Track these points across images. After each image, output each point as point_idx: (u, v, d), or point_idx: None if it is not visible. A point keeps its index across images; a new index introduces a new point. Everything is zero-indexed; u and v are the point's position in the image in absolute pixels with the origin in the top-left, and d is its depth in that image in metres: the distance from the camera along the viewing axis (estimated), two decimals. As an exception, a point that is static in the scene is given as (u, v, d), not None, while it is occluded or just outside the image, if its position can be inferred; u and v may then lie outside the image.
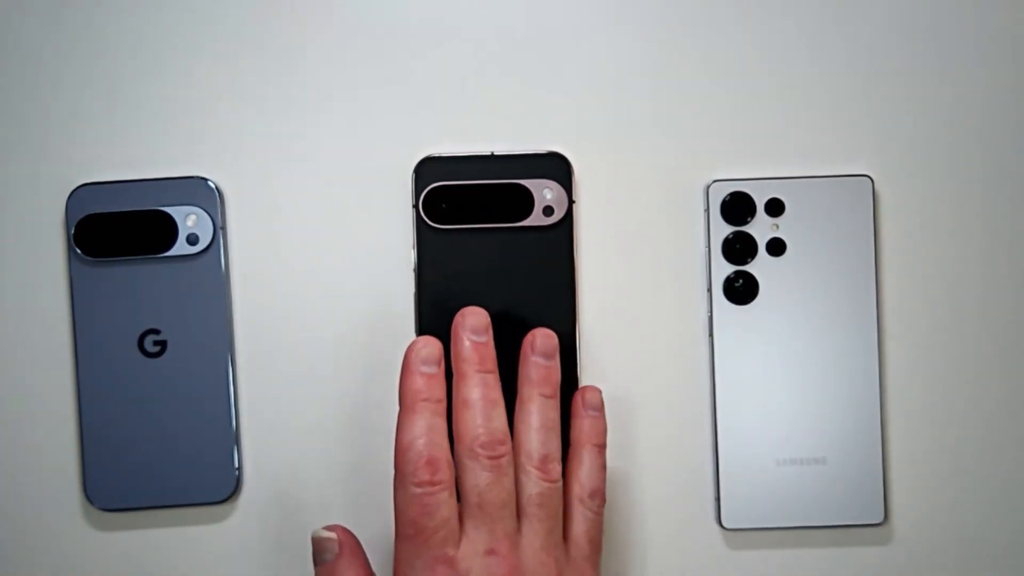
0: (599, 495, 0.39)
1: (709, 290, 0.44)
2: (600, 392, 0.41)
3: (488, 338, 0.39)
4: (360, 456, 0.44)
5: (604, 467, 0.40)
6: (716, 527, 0.44)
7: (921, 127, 0.44)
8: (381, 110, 0.44)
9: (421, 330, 0.43)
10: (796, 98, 0.44)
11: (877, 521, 0.43)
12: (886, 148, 0.44)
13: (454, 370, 0.38)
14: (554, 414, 0.39)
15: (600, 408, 0.41)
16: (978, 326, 0.44)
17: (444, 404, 0.38)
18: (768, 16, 0.44)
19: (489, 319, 0.39)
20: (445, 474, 0.36)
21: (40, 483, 0.44)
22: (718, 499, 0.43)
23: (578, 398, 0.40)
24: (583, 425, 0.40)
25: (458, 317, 0.39)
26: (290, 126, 0.44)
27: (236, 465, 0.43)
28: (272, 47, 0.44)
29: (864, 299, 0.43)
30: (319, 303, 0.44)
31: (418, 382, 0.37)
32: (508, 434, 0.37)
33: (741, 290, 0.43)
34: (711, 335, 0.44)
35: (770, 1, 0.44)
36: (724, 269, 0.44)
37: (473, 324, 0.39)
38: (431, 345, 0.38)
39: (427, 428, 0.37)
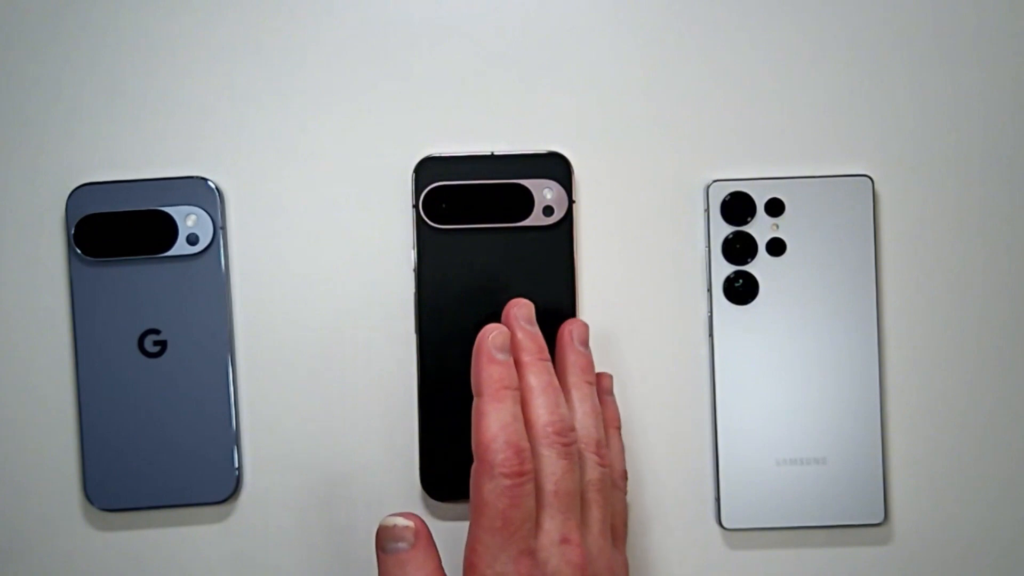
0: (625, 476, 0.41)
1: (709, 290, 0.44)
2: (611, 377, 0.43)
3: (537, 328, 0.39)
4: (360, 456, 0.44)
5: (623, 448, 0.42)
6: (716, 527, 0.44)
7: (921, 127, 0.44)
8: (381, 110, 0.44)
9: (421, 330, 0.43)
10: (796, 98, 0.44)
11: (877, 521, 0.43)
12: (886, 148, 0.44)
13: (515, 358, 0.38)
14: (595, 400, 0.40)
15: (612, 389, 0.43)
16: (978, 326, 0.44)
17: (519, 393, 0.37)
18: (768, 16, 0.44)
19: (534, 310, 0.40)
20: (530, 464, 0.36)
21: (40, 483, 0.44)
22: (718, 499, 0.43)
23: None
24: (605, 411, 0.41)
25: (510, 308, 0.39)
26: (290, 126, 0.44)
27: (236, 465, 0.43)
28: (272, 47, 0.44)
29: (864, 299, 0.43)
30: (319, 303, 0.44)
31: (498, 370, 0.37)
32: (573, 421, 0.38)
33: (741, 290, 0.43)
34: (711, 335, 0.44)
35: (770, 1, 0.44)
36: (724, 269, 0.44)
37: (525, 315, 0.39)
38: (504, 333, 0.38)
39: (512, 417, 0.36)
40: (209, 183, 0.43)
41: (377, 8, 0.44)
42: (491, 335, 0.38)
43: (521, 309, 0.39)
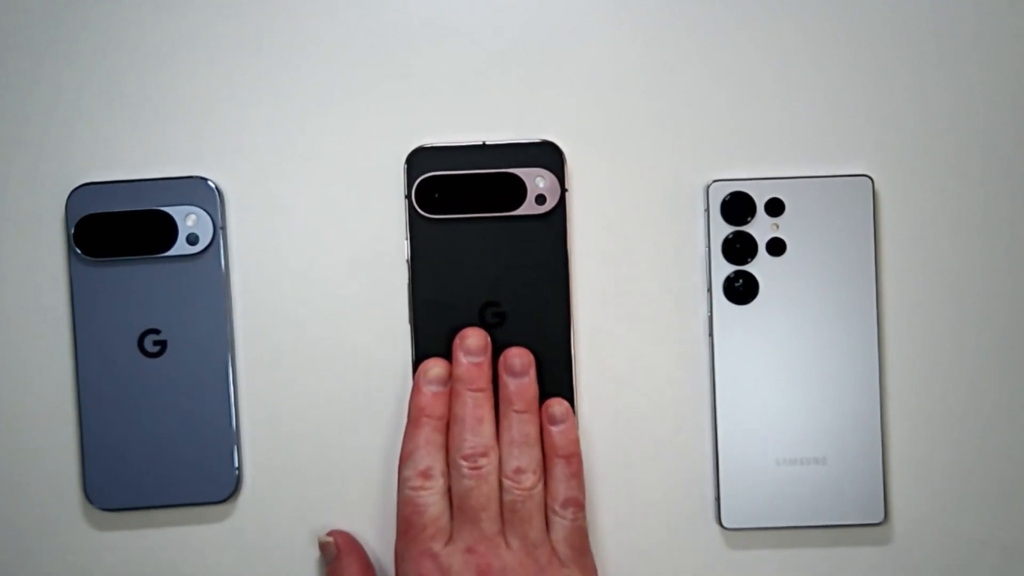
0: (571, 503, 0.41)
1: (709, 290, 0.44)
2: (565, 404, 0.42)
3: (483, 358, 0.42)
4: (359, 455, 0.44)
5: (576, 475, 0.42)
6: (716, 527, 0.44)
7: (921, 127, 0.44)
8: (382, 110, 0.44)
9: (415, 320, 0.43)
10: (796, 98, 0.44)
11: (877, 521, 0.43)
12: (886, 148, 0.44)
13: (452, 388, 0.42)
14: (529, 427, 0.42)
15: (566, 418, 0.42)
16: (978, 326, 0.44)
17: (444, 420, 0.42)
18: (768, 16, 0.44)
19: (487, 339, 0.42)
20: (436, 481, 0.41)
21: (40, 483, 0.44)
22: (718, 499, 0.43)
23: (543, 413, 0.42)
24: (550, 440, 0.42)
25: (457, 339, 0.42)
26: (290, 126, 0.44)
27: (236, 465, 0.43)
28: (271, 47, 0.44)
29: (864, 299, 0.43)
30: (319, 303, 0.44)
31: (423, 399, 0.42)
32: (493, 447, 0.41)
33: (741, 290, 0.43)
34: (711, 335, 0.44)
35: (770, 1, 0.44)
36: (724, 269, 0.44)
37: (469, 345, 0.42)
38: (438, 366, 0.42)
39: (425, 441, 0.41)
40: (209, 183, 0.43)
41: (376, 8, 0.44)
42: (426, 368, 0.42)
43: (465, 340, 0.42)
